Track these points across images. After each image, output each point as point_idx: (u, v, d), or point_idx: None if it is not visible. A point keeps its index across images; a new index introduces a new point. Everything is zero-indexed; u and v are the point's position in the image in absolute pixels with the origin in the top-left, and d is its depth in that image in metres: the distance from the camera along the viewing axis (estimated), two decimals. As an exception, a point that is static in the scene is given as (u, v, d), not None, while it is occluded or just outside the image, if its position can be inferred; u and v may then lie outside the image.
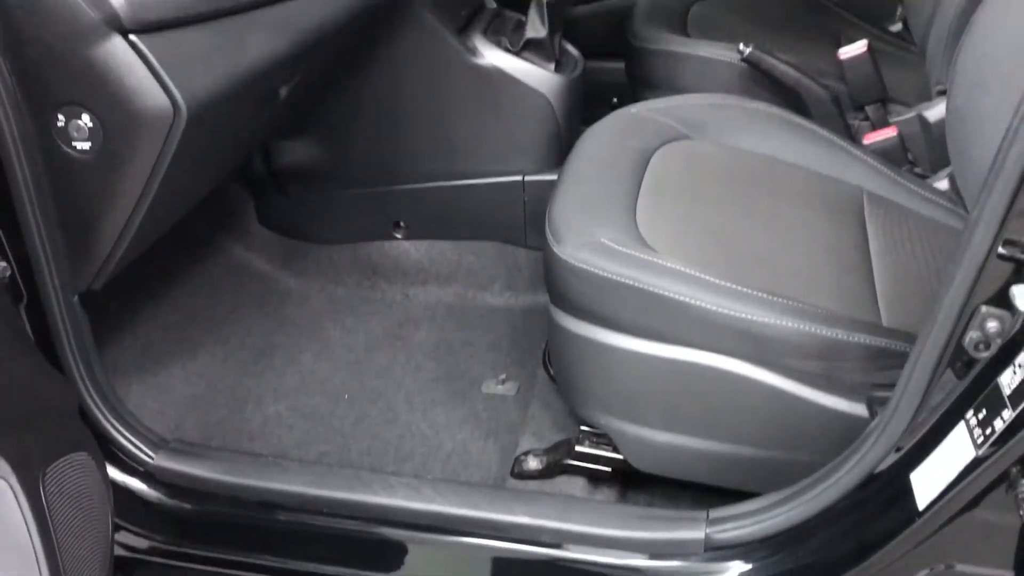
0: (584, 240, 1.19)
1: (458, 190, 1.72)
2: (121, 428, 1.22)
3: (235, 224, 1.85)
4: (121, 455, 1.21)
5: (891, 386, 0.98)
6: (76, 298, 1.17)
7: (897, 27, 2.10)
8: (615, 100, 2.21)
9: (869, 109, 1.67)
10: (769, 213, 1.33)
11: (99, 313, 1.24)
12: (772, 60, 1.64)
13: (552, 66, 1.64)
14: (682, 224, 1.28)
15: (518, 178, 1.69)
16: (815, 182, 1.41)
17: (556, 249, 1.20)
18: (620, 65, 2.01)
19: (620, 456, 1.29)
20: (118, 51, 1.01)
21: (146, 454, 1.22)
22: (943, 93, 1.64)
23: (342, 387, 1.58)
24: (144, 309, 1.69)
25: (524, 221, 1.73)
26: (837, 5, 2.09)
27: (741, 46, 1.64)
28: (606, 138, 1.44)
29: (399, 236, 1.80)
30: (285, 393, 1.57)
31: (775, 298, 1.12)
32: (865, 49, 1.64)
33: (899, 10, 2.13)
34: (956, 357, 0.91)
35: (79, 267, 1.17)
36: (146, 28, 1.02)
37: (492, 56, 1.61)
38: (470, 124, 1.66)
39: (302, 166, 1.74)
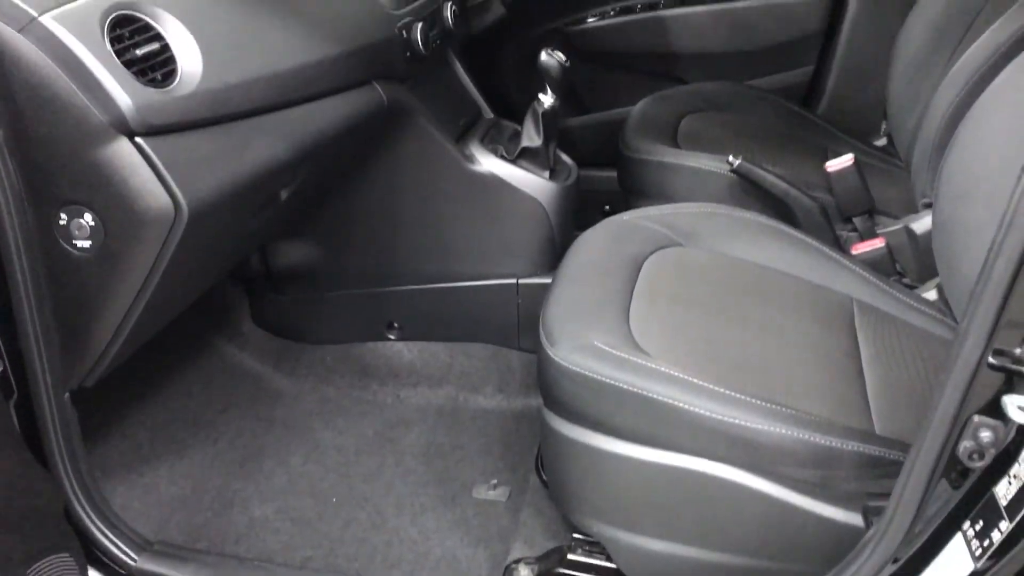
0: (578, 343, 1.19)
1: (452, 292, 1.73)
2: (105, 529, 1.19)
3: (229, 323, 1.86)
4: (104, 557, 1.19)
5: (886, 495, 0.97)
6: (67, 395, 1.16)
7: (882, 142, 2.16)
8: (607, 207, 2.25)
9: (857, 220, 1.71)
10: (761, 320, 1.34)
11: (89, 410, 1.23)
12: (761, 172, 1.68)
13: (547, 173, 1.68)
14: (675, 329, 1.29)
15: (512, 281, 1.71)
16: (806, 290, 1.43)
17: (550, 351, 1.20)
18: (612, 174, 2.06)
19: (614, 565, 1.26)
20: (124, 153, 1.04)
21: (129, 556, 1.19)
22: (929, 206, 1.67)
23: (330, 490, 1.56)
24: (134, 407, 1.68)
25: (517, 324, 1.74)
26: (823, 120, 2.16)
27: (731, 157, 1.68)
28: (600, 244, 1.46)
29: (392, 337, 1.80)
30: (272, 495, 1.55)
31: (768, 404, 1.12)
32: (852, 162, 1.68)
33: (883, 125, 2.20)
34: (951, 467, 0.91)
35: (72, 365, 1.17)
36: (152, 131, 1.05)
37: (489, 163, 1.65)
38: (466, 228, 1.69)
39: (299, 266, 1.76)
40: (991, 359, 0.85)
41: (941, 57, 1.80)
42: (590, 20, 2.30)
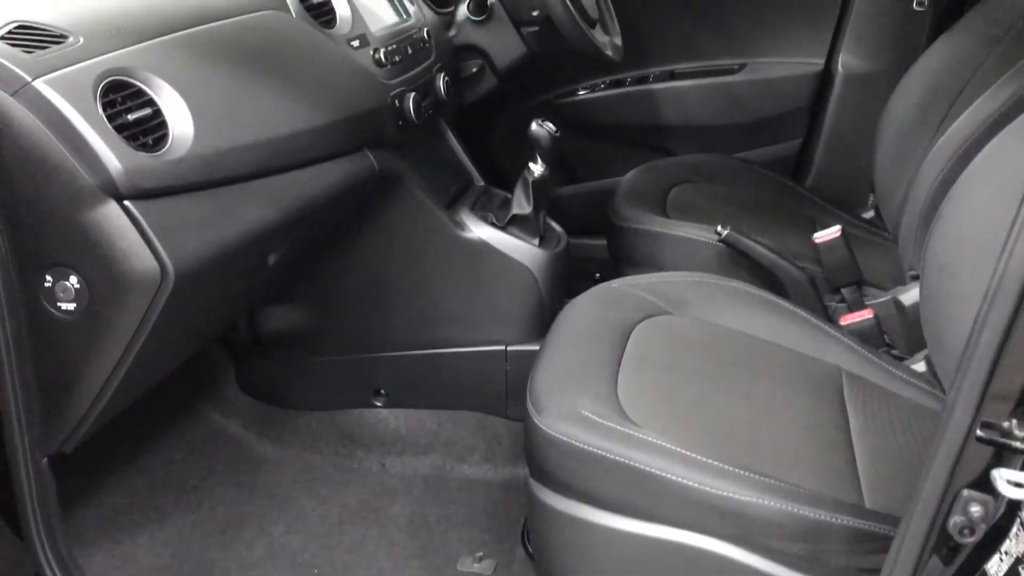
0: (565, 411, 1.18)
1: (440, 358, 1.72)
2: (78, 600, 1.16)
3: (213, 388, 1.84)
4: (76, 629, 1.16)
5: (876, 571, 0.95)
6: (45, 461, 1.14)
7: (869, 214, 2.18)
8: (597, 276, 2.26)
9: (845, 291, 1.71)
10: (750, 390, 1.33)
11: (67, 476, 1.21)
12: (749, 242, 1.69)
13: (537, 241, 1.69)
14: (663, 398, 1.28)
15: (501, 348, 1.70)
16: (794, 360, 1.43)
17: (536, 419, 1.19)
18: (602, 242, 2.07)
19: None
20: (112, 216, 1.04)
21: (103, 628, 1.16)
22: (916, 278, 1.68)
23: (312, 561, 1.52)
24: (114, 473, 1.65)
25: (505, 391, 1.72)
26: (811, 192, 2.18)
27: (719, 227, 1.69)
28: (589, 311, 1.45)
29: (379, 404, 1.78)
30: (252, 566, 1.51)
31: (757, 476, 1.10)
32: (839, 233, 1.69)
33: (871, 198, 2.22)
34: (941, 542, 0.89)
35: (51, 429, 1.15)
36: (141, 195, 1.06)
37: (479, 230, 1.66)
38: (455, 294, 1.69)
39: (286, 331, 1.76)
40: (979, 432, 0.84)
41: (926, 132, 1.83)
42: (581, 93, 2.34)
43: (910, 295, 1.67)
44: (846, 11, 2.21)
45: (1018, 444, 0.82)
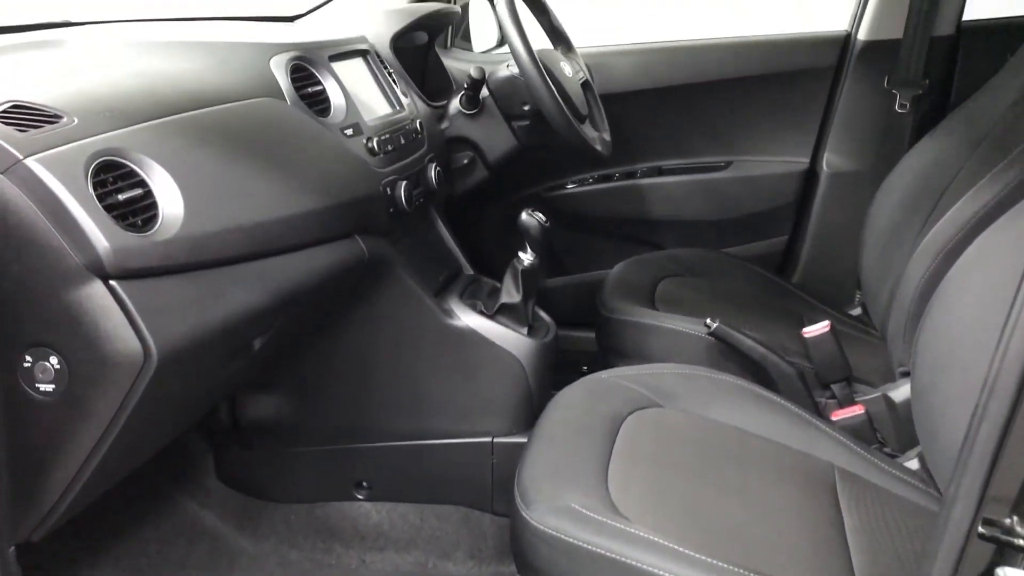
0: (554, 505, 1.15)
1: (425, 450, 1.69)
2: None
3: (191, 478, 1.79)
4: None
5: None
6: (12, 550, 1.09)
7: (857, 311, 2.18)
8: (585, 368, 2.24)
9: (835, 387, 1.70)
10: (742, 485, 1.31)
11: (35, 566, 1.16)
12: (739, 335, 1.68)
13: (525, 330, 1.68)
14: (655, 493, 1.25)
15: (487, 440, 1.67)
16: (786, 456, 1.40)
17: (524, 513, 1.15)
18: (589, 334, 2.06)
19: None
20: (97, 295, 1.02)
21: None
22: (906, 374, 1.67)
23: (285, 662, 1.46)
24: (85, 565, 1.58)
25: (491, 485, 1.68)
26: (798, 288, 2.19)
27: (708, 320, 1.69)
28: (578, 402, 1.43)
29: (360, 496, 1.74)
30: (224, 666, 1.44)
31: (751, 574, 1.07)
32: (828, 328, 1.69)
33: (857, 295, 2.23)
34: (947, 642, 0.86)
35: (21, 516, 1.11)
36: (128, 275, 1.04)
37: (467, 318, 1.65)
38: (442, 384, 1.66)
39: (268, 419, 1.72)
40: (981, 529, 0.82)
41: (911, 231, 1.85)
42: (570, 186, 2.37)
43: (900, 392, 1.66)
44: (830, 112, 2.26)
45: (1021, 542, 0.80)
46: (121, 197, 1.06)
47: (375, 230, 1.54)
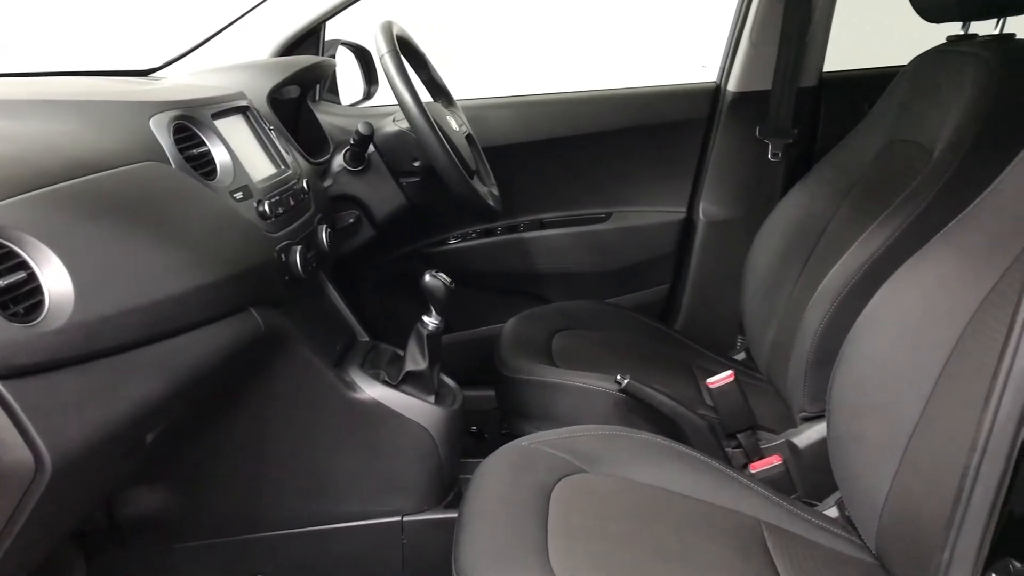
0: (505, 594, 1.07)
1: (329, 535, 1.56)
2: None
3: (59, 588, 1.58)
4: None
5: None
6: None
7: (740, 356, 2.22)
8: (474, 429, 2.17)
9: (741, 437, 1.70)
10: (680, 551, 1.27)
11: None
12: (650, 391, 1.66)
13: (432, 398, 1.59)
14: (599, 569, 1.19)
15: (396, 519, 1.56)
16: (715, 515, 1.38)
17: (473, 604, 1.07)
18: (478, 393, 2.00)
19: None
20: (-24, 400, 0.87)
21: None
22: (808, 419, 1.70)
23: None
24: None
25: (402, 567, 1.57)
26: (682, 335, 2.20)
27: (619, 376, 1.66)
28: (502, 475, 1.36)
29: (256, 592, 1.58)
30: None
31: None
32: (732, 378, 1.69)
33: (739, 340, 2.28)
34: None
35: None
36: (13, 373, 0.89)
37: (371, 390, 1.54)
38: (346, 462, 1.54)
39: (149, 514, 1.54)
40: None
41: (791, 275, 1.90)
42: (452, 242, 2.31)
43: (803, 437, 1.69)
44: (704, 162, 2.31)
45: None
46: (1, 283, 0.91)
47: (269, 300, 1.42)
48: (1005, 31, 1.67)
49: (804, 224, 1.93)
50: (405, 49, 1.82)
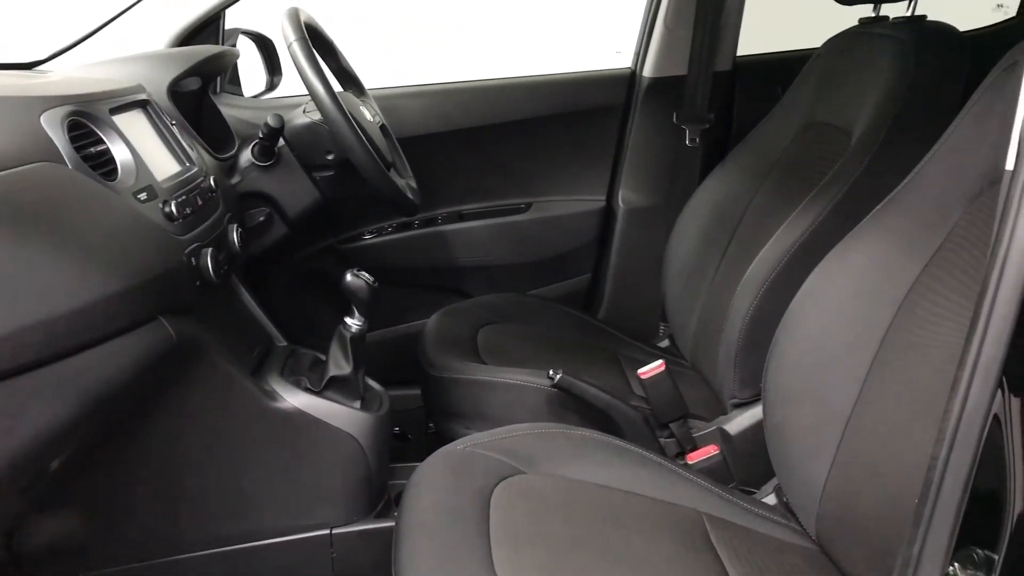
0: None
1: (255, 553, 1.47)
2: None
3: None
4: None
5: None
6: None
7: (664, 343, 2.21)
8: (396, 429, 2.10)
9: (673, 426, 1.68)
10: (625, 550, 1.23)
11: None
12: (584, 385, 1.62)
13: (358, 404, 1.52)
14: (546, 574, 1.14)
15: (325, 532, 1.49)
16: (657, 510, 1.35)
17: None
18: (403, 392, 1.93)
19: None
20: None
21: None
22: (738, 406, 1.70)
23: None
24: None
25: (333, 581, 1.50)
26: (606, 325, 2.18)
27: (551, 372, 1.62)
28: (439, 481, 1.30)
29: (177, 619, 1.49)
30: None
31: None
32: (663, 368, 1.67)
33: (662, 328, 2.27)
34: None
35: None
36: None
37: (293, 398, 1.46)
38: (269, 476, 1.46)
39: (55, 544, 1.42)
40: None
41: (712, 260, 1.90)
42: (367, 237, 2.22)
43: (735, 424, 1.68)
44: (622, 149, 2.29)
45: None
46: None
47: (180, 308, 1.32)
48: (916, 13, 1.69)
49: (724, 209, 1.93)
50: (313, 37, 1.73)
